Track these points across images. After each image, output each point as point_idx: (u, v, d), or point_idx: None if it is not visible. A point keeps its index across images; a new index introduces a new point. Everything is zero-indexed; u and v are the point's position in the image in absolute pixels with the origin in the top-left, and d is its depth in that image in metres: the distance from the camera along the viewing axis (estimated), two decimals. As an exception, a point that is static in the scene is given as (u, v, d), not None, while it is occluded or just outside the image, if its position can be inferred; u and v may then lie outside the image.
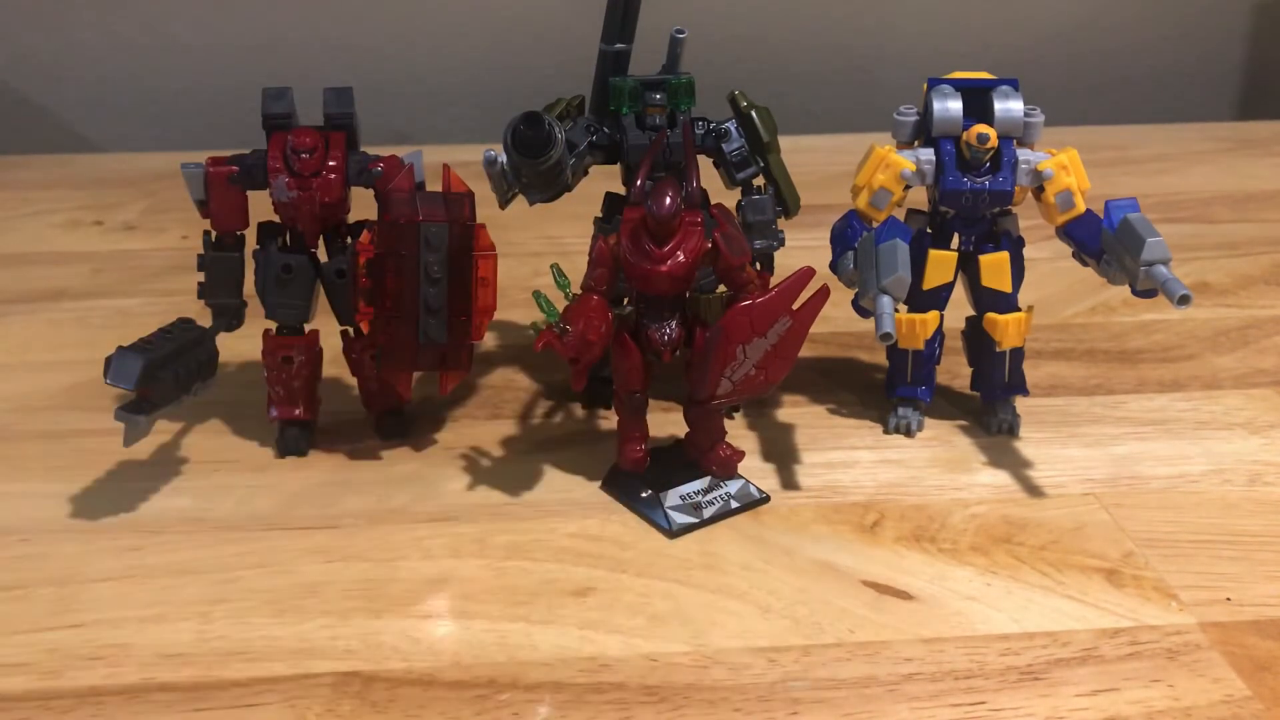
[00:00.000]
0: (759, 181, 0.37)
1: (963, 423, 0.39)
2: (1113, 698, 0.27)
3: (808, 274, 0.32)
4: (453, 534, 0.33)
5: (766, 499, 0.35)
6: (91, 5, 0.71)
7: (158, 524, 0.34)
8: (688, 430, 0.35)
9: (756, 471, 0.36)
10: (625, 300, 0.38)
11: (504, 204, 0.37)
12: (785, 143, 0.37)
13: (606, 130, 0.36)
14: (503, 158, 0.34)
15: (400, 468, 0.37)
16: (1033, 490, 0.35)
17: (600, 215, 0.38)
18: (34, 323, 0.47)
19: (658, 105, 0.36)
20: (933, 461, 0.37)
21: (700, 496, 0.34)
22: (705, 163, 0.37)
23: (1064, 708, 0.27)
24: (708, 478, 0.35)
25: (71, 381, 0.42)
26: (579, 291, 0.33)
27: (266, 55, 0.73)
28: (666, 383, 0.41)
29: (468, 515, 0.34)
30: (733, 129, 0.37)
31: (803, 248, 0.38)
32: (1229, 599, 0.30)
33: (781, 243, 0.37)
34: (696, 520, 0.34)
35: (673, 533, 0.33)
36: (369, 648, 0.29)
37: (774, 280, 0.33)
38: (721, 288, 0.38)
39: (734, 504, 0.34)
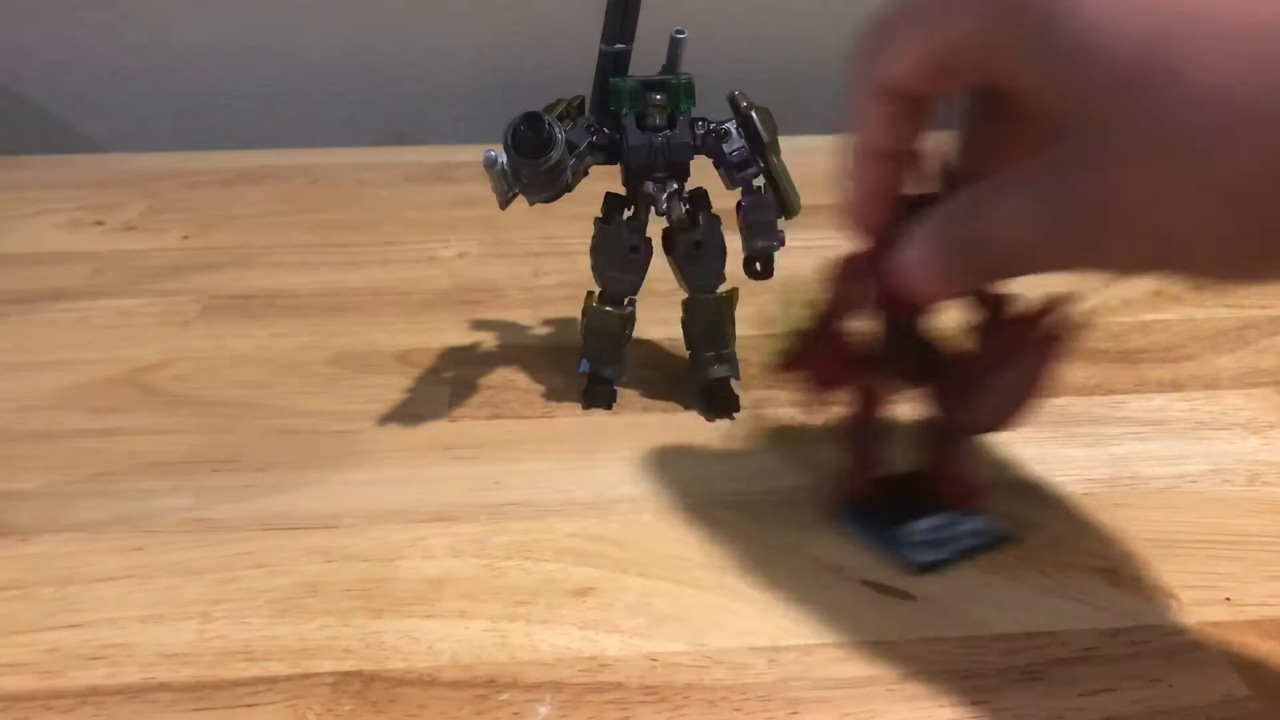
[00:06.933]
0: (759, 182, 0.37)
1: (963, 423, 0.39)
2: (1113, 698, 0.27)
3: (1064, 302, 0.30)
4: (453, 534, 0.33)
5: (1011, 536, 0.33)
6: (91, 5, 0.71)
7: (158, 524, 0.34)
8: (928, 461, 0.33)
9: (756, 471, 0.36)
10: (626, 300, 0.39)
11: (504, 204, 0.37)
12: (785, 143, 0.37)
13: (607, 131, 0.36)
14: (503, 158, 0.34)
15: (400, 468, 0.37)
16: (1033, 490, 0.35)
17: (600, 215, 0.38)
18: (34, 323, 0.47)
19: (658, 106, 0.36)
20: (933, 461, 0.37)
21: (942, 531, 0.32)
22: (705, 163, 0.37)
23: (1064, 707, 0.27)
24: (948, 512, 0.33)
25: (71, 381, 0.42)
26: (823, 310, 0.31)
27: (266, 56, 0.73)
28: (666, 383, 0.41)
29: (468, 515, 0.34)
30: (733, 129, 0.37)
31: (803, 248, 0.38)
32: (1229, 599, 0.31)
33: (782, 243, 0.37)
34: (944, 556, 0.32)
35: (917, 569, 0.31)
36: (369, 648, 0.29)
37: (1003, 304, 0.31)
38: (722, 288, 0.38)
39: (978, 540, 0.32)
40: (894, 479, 0.34)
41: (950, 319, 0.31)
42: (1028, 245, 0.24)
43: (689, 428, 0.39)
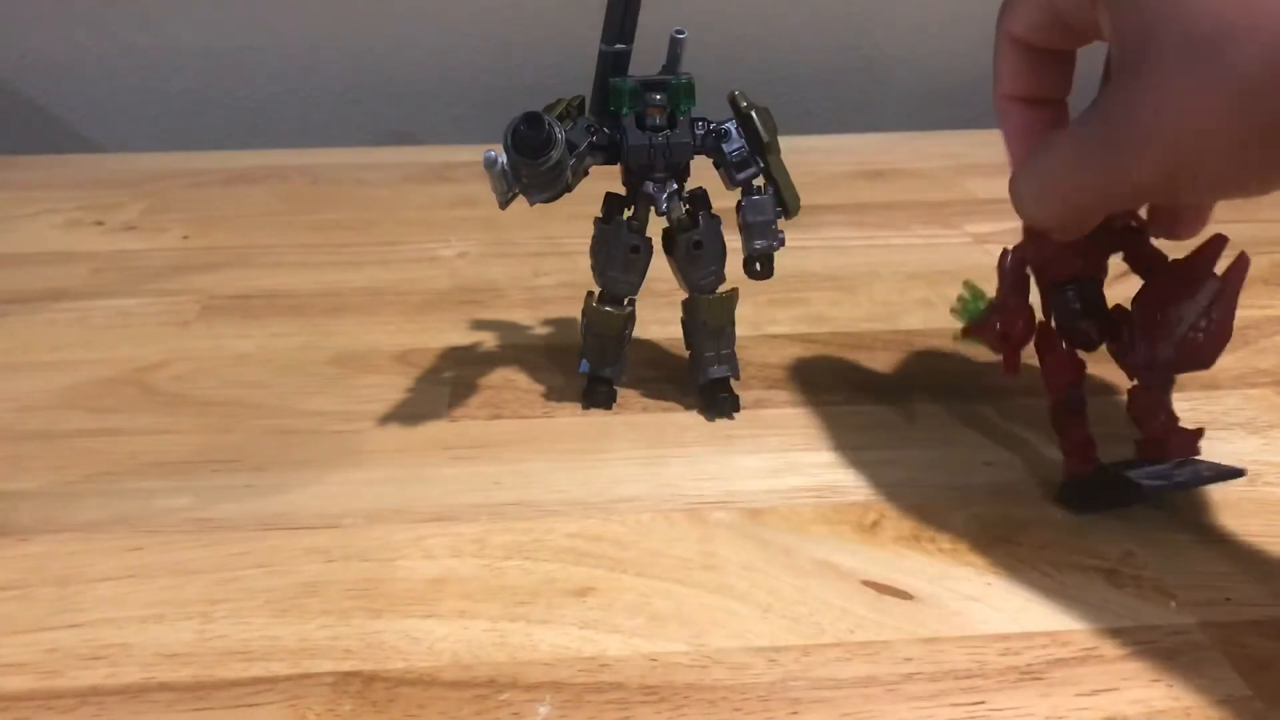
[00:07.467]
0: (759, 182, 0.37)
1: (963, 423, 0.39)
2: (1113, 698, 0.27)
3: (1222, 240, 0.33)
4: (453, 534, 0.33)
5: (1242, 473, 0.33)
6: (92, 6, 0.71)
7: (158, 524, 0.34)
8: (1138, 426, 0.34)
9: (755, 470, 0.36)
10: (626, 300, 0.39)
11: (504, 204, 0.37)
12: (785, 143, 0.37)
13: (607, 131, 0.36)
14: (503, 158, 0.34)
15: (400, 468, 0.37)
16: (1033, 490, 0.35)
17: (600, 215, 0.38)
18: (34, 323, 0.47)
19: (658, 106, 0.36)
20: (933, 462, 0.37)
21: (1170, 471, 0.33)
22: (705, 163, 0.37)
23: (1064, 707, 0.27)
24: (1172, 460, 0.33)
25: (71, 381, 0.42)
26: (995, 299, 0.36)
27: (267, 56, 0.73)
28: (667, 383, 0.41)
29: (468, 515, 0.34)
30: (733, 129, 0.37)
31: (802, 248, 0.38)
32: (1229, 599, 0.31)
33: (782, 243, 0.37)
34: (1167, 483, 0.32)
35: (1144, 493, 0.33)
36: (369, 648, 0.29)
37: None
38: (722, 288, 0.38)
39: (1205, 473, 0.33)
40: (1115, 463, 0.34)
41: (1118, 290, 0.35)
42: (1072, 171, 0.28)
43: (689, 428, 0.39)
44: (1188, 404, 0.40)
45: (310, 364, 0.43)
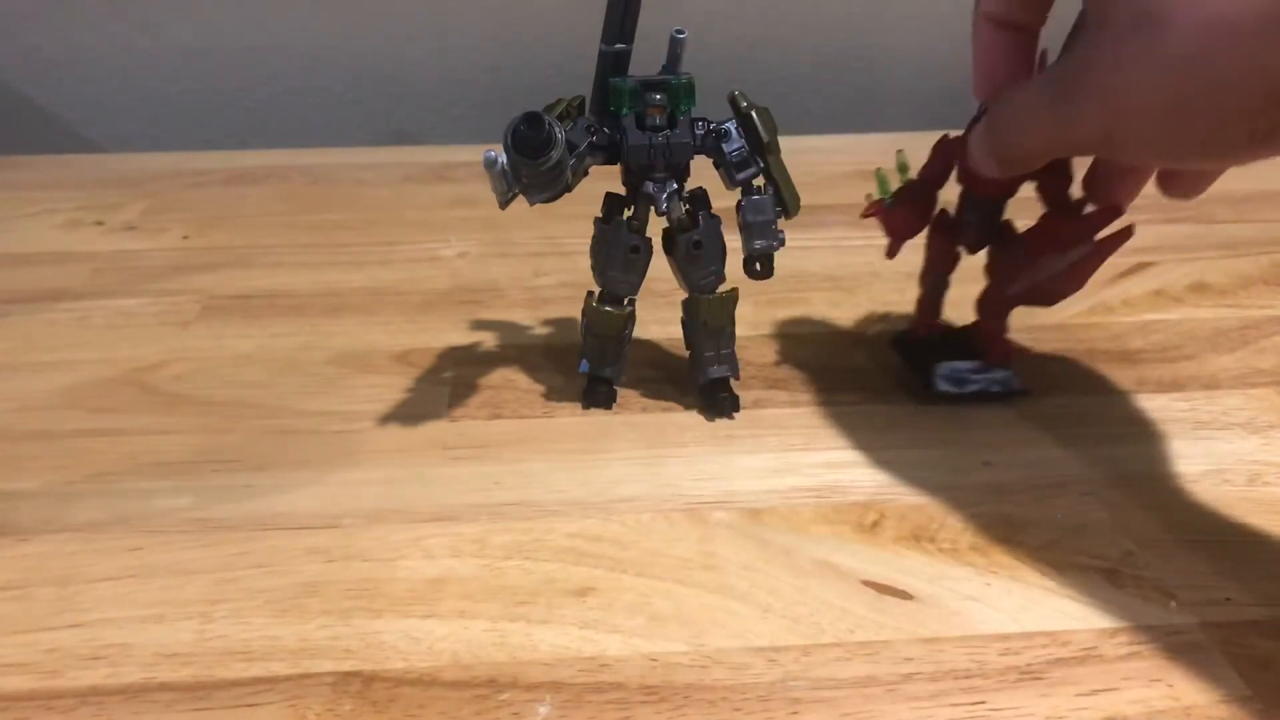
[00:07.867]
0: (759, 182, 0.37)
1: (963, 422, 0.39)
2: (1113, 698, 0.27)
3: (1117, 211, 0.36)
4: (453, 534, 0.33)
5: (1027, 392, 0.39)
6: (92, 6, 0.71)
7: (158, 524, 0.34)
8: (975, 320, 0.40)
9: (755, 470, 0.36)
10: (626, 300, 0.39)
11: (504, 204, 0.37)
12: (785, 143, 0.37)
13: (607, 131, 0.36)
14: (503, 158, 0.34)
15: (400, 468, 0.37)
16: (1033, 490, 0.35)
17: (600, 215, 0.38)
18: (34, 323, 0.47)
19: (658, 105, 0.36)
20: (933, 461, 0.37)
21: (969, 374, 0.39)
22: (705, 163, 0.37)
23: (1064, 708, 0.27)
24: (980, 361, 0.39)
25: (71, 381, 0.42)
26: (915, 178, 0.39)
27: (267, 56, 0.73)
28: (667, 383, 0.41)
29: (468, 515, 0.34)
30: (733, 129, 0.37)
31: (802, 248, 0.38)
32: (1229, 599, 0.31)
33: (782, 243, 0.37)
34: (958, 392, 0.39)
35: (933, 394, 0.39)
36: (369, 648, 0.29)
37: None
38: (722, 288, 0.38)
39: (995, 388, 0.39)
40: (949, 331, 0.41)
41: (1025, 209, 0.38)
42: (1029, 116, 0.31)
43: (689, 428, 0.39)
44: (1188, 404, 0.40)
45: (310, 364, 0.43)
